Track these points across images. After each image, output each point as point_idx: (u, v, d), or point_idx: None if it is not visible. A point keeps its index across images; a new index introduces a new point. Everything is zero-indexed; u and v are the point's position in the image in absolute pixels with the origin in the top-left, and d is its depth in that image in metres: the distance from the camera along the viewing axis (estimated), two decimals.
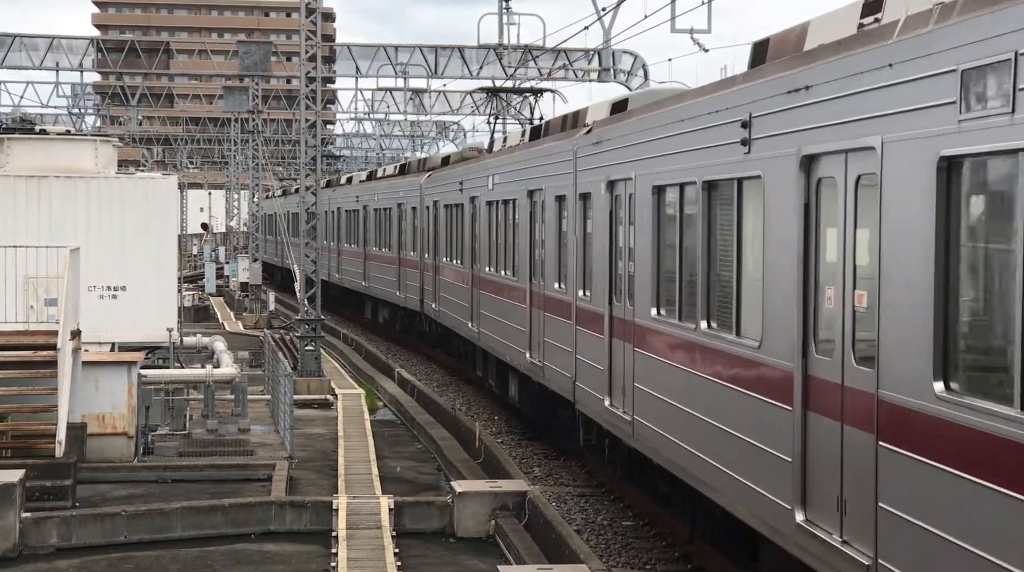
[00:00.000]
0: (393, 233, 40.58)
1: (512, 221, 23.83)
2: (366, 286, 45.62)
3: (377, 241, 43.53)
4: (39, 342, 18.88)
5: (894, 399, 8.92)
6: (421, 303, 35.69)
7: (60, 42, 47.92)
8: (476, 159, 29.44)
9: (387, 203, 41.66)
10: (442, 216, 32.48)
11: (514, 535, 15.82)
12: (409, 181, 38.81)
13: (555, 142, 20.68)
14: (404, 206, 38.66)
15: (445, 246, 32.09)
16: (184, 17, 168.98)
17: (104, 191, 25.56)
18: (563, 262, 19.96)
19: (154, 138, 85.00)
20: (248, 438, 22.54)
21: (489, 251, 26.16)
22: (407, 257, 38.01)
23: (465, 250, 28.94)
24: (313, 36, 31.37)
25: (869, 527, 9.22)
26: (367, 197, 45.82)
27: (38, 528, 15.75)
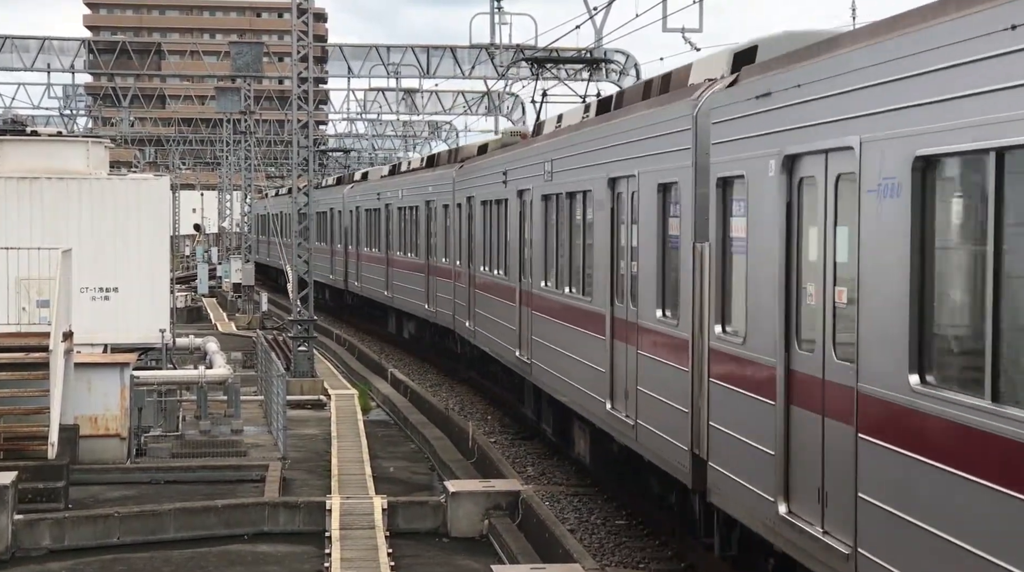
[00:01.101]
0: (420, 235, 35.19)
1: (582, 221, 18.33)
2: (389, 297, 39.98)
3: (401, 245, 38.19)
4: (31, 344, 18.84)
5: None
6: (454, 319, 30.63)
7: (51, 43, 47.93)
8: (522, 144, 23.94)
9: (413, 201, 36.30)
10: (479, 215, 27.25)
11: (507, 535, 15.82)
12: (439, 174, 33.26)
13: (654, 109, 14.85)
14: (433, 204, 33.19)
15: (484, 252, 26.88)
16: (176, 18, 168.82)
17: (96, 192, 25.53)
18: (667, 277, 14.39)
19: (146, 139, 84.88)
20: (241, 439, 22.51)
21: (546, 262, 20.82)
22: (437, 264, 32.67)
23: (511, 258, 23.63)
24: (305, 36, 31.35)
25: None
26: (390, 194, 40.22)
27: (31, 530, 15.73)
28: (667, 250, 14.43)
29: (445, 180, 31.88)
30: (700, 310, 13.02)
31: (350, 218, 47.68)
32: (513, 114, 59.55)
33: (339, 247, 49.88)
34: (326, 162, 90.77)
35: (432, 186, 33.45)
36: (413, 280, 35.90)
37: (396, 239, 38.76)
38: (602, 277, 17.07)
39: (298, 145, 32.89)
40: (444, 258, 31.67)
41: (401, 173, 41.09)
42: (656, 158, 14.58)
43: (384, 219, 40.75)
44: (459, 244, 29.74)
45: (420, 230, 34.96)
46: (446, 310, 31.09)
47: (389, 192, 40.19)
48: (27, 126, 33.21)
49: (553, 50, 39.39)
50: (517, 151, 23.57)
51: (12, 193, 25.02)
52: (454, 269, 30.36)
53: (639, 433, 15.39)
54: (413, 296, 35.83)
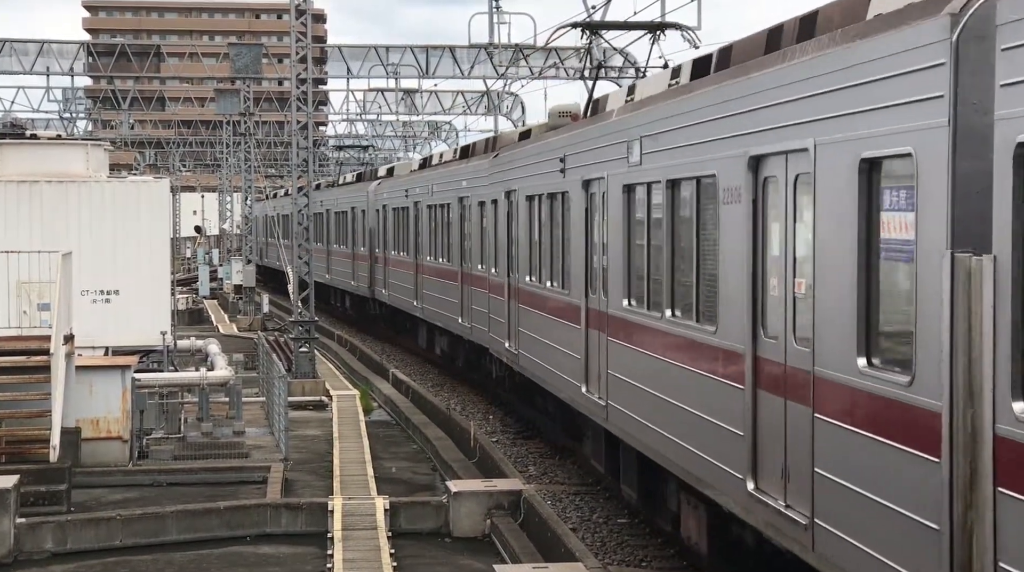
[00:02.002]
0: (453, 238, 30.57)
1: (693, 218, 13.34)
2: (418, 307, 35.04)
3: (432, 248, 33.37)
4: (32, 347, 18.86)
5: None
6: (489, 338, 26.23)
7: (50, 46, 47.95)
8: (581, 125, 18.98)
9: (444, 197, 31.70)
10: (523, 213, 22.48)
11: (510, 534, 15.83)
12: (473, 167, 28.70)
13: (856, 44, 9.70)
14: (467, 201, 28.77)
15: (530, 259, 22.07)
16: (175, 20, 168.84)
17: (96, 195, 25.54)
18: (871, 307, 9.58)
19: (146, 142, 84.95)
20: (243, 441, 22.52)
21: (628, 274, 15.93)
22: (473, 272, 28.11)
23: (572, 268, 18.80)
24: (304, 37, 31.36)
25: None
26: (419, 190, 35.33)
27: (33, 533, 15.74)
28: (876, 263, 9.47)
29: (479, 174, 27.40)
30: (969, 369, 8.01)
31: (376, 218, 42.76)
32: (513, 113, 59.59)
33: (363, 251, 44.92)
34: (327, 162, 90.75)
35: (466, 180, 28.91)
36: (445, 289, 31.32)
37: (426, 242, 34.09)
38: (736, 298, 11.95)
39: (298, 146, 32.90)
40: (480, 264, 27.17)
41: (432, 166, 35.88)
42: (852, 120, 9.62)
43: (413, 219, 35.98)
44: (496, 248, 25.31)
45: (453, 231, 30.51)
46: (482, 326, 26.81)
47: (418, 188, 35.38)
48: (27, 129, 33.27)
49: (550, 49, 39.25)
50: (580, 131, 18.40)
51: (12, 197, 25.03)
52: (489, 278, 25.97)
53: (816, 536, 10.30)
54: (445, 308, 31.25)
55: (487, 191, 26.17)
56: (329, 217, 52.48)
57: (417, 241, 35.23)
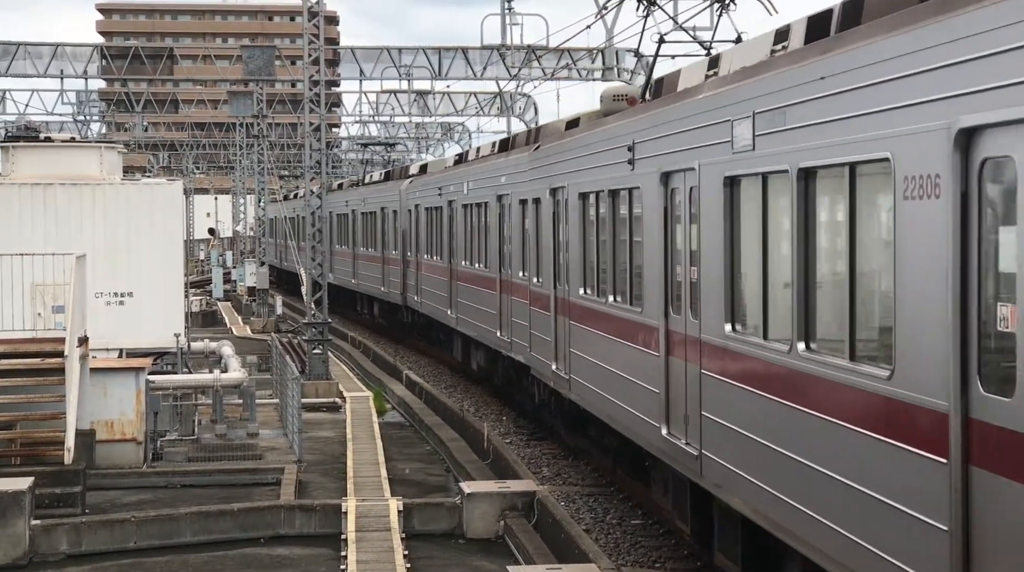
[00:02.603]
0: (490, 241, 27.17)
1: (847, 218, 9.94)
2: (453, 317, 31.64)
3: (468, 252, 29.98)
4: (47, 349, 18.92)
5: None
6: (530, 356, 23.10)
7: (64, 49, 48.08)
8: (651, 107, 15.58)
9: (481, 196, 28.28)
10: (574, 213, 19.22)
11: (523, 535, 15.83)
12: (513, 161, 25.05)
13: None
14: (506, 199, 25.38)
15: (583, 267, 18.92)
16: (188, 23, 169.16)
17: (109, 198, 25.59)
18: None
19: (159, 144, 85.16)
20: (257, 442, 22.56)
21: (731, 292, 12.52)
22: (513, 280, 24.79)
23: (647, 281, 15.35)
24: (316, 39, 31.41)
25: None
26: (453, 188, 31.80)
27: (48, 535, 15.78)
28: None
29: (520, 167, 24.05)
30: None
31: (408, 219, 39.20)
32: (525, 114, 59.60)
33: (394, 254, 41.32)
34: (340, 163, 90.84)
35: (505, 176, 25.53)
36: (482, 298, 28.11)
37: (461, 245, 30.62)
38: (923, 329, 8.52)
39: (311, 148, 32.95)
40: (521, 272, 23.95)
41: (468, 162, 32.16)
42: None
43: (447, 220, 32.62)
44: (540, 254, 22.08)
45: (490, 234, 27.13)
46: (523, 341, 23.72)
47: (452, 186, 31.98)
48: (41, 132, 33.34)
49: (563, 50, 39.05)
50: (657, 113, 14.88)
51: (26, 199, 25.10)
52: (531, 288, 22.75)
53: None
54: (482, 319, 27.92)
55: (528, 188, 23.07)
56: (355, 218, 49.48)
57: (452, 244, 31.91)
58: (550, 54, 43.53)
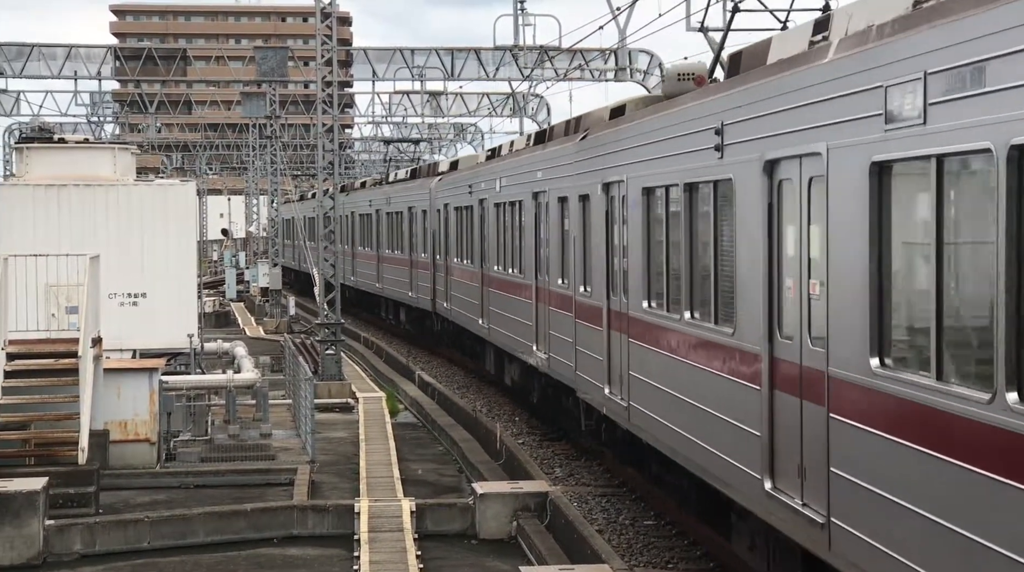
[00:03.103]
0: (525, 244, 24.44)
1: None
2: (485, 327, 28.89)
3: (500, 257, 27.36)
4: (60, 350, 18.98)
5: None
6: (576, 377, 20.14)
7: (78, 51, 48.19)
8: (743, 80, 12.68)
9: (514, 194, 25.55)
10: (634, 212, 16.35)
11: (536, 536, 15.84)
12: (551, 154, 22.11)
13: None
14: (544, 197, 22.62)
15: (647, 277, 16.04)
16: (201, 24, 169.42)
17: (123, 199, 25.65)
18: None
19: (173, 145, 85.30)
20: (270, 443, 22.60)
21: (878, 313, 9.65)
22: (552, 288, 21.89)
23: (742, 296, 12.56)
24: (329, 40, 31.46)
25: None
26: (484, 186, 29.21)
27: (62, 535, 15.83)
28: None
29: (561, 160, 21.29)
30: None
31: (438, 220, 36.13)
32: (538, 115, 59.59)
33: (423, 257, 38.20)
34: (353, 164, 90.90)
35: (542, 171, 22.88)
36: (516, 308, 25.28)
37: (493, 248, 28.08)
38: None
39: (323, 149, 32.99)
40: (561, 279, 21.16)
41: (501, 157, 29.01)
42: None
43: (478, 220, 29.93)
44: (588, 259, 19.36)
45: (525, 236, 24.40)
46: (564, 359, 20.87)
47: (484, 183, 29.35)
48: (54, 133, 33.41)
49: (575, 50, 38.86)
50: (753, 87, 12.10)
51: (40, 200, 25.17)
52: (577, 298, 19.95)
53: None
54: (516, 330, 25.14)
55: (572, 184, 20.24)
56: (379, 219, 46.73)
57: (483, 247, 29.26)
58: (563, 55, 43.51)
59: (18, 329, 19.50)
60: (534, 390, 25.07)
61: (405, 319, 43.72)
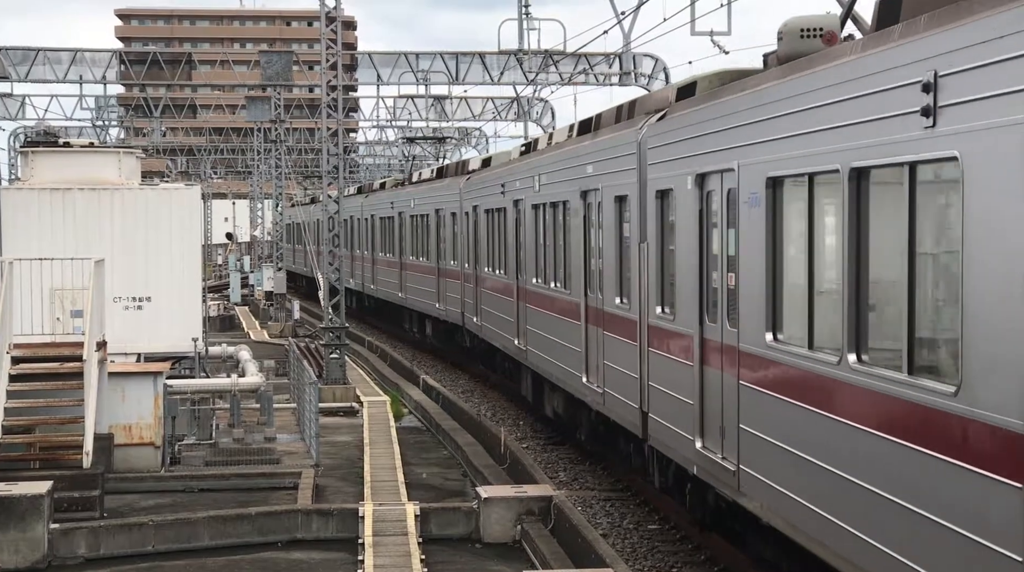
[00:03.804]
0: (570, 253, 20.67)
1: None
2: (521, 348, 25.04)
3: (538, 268, 23.44)
4: (65, 354, 18.99)
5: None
6: (644, 420, 16.45)
7: (83, 55, 48.24)
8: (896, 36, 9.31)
9: (555, 193, 21.76)
10: (752, 215, 12.50)
11: (540, 540, 15.84)
12: (606, 143, 18.28)
13: None
14: (595, 196, 18.93)
15: (771, 301, 12.12)
16: (206, 28, 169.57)
17: (128, 202, 25.69)
18: None
19: (178, 149, 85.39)
20: (274, 447, 22.61)
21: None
22: (607, 308, 18.32)
23: (982, 327, 8.03)
24: (334, 45, 31.48)
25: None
26: (519, 185, 25.12)
27: (67, 539, 15.84)
28: None
29: (622, 149, 17.14)
30: None
31: (466, 224, 32.43)
32: (543, 119, 59.61)
33: (452, 266, 34.48)
34: (357, 168, 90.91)
35: (592, 165, 18.88)
36: (560, 329, 21.49)
37: (531, 257, 24.17)
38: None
39: (328, 153, 33.01)
40: (619, 298, 17.50)
41: (539, 151, 24.62)
42: None
43: (512, 224, 25.91)
44: (663, 274, 15.64)
45: (570, 244, 20.58)
46: (626, 397, 17.07)
47: (519, 181, 25.19)
48: (60, 137, 33.47)
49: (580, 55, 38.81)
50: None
51: (45, 204, 25.21)
52: (649, 322, 16.02)
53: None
54: (561, 356, 21.41)
55: (633, 178, 16.34)
56: (403, 222, 42.68)
57: (518, 256, 25.44)
58: (567, 59, 43.52)
59: (23, 333, 19.53)
60: (581, 426, 21.51)
61: (431, 333, 39.64)
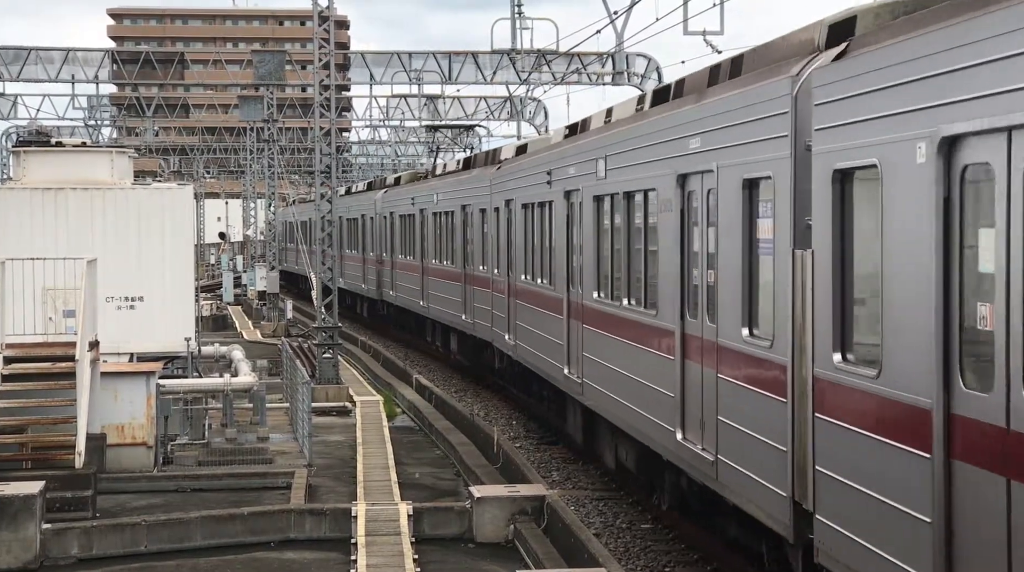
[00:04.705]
0: (662, 261, 15.20)
1: None
2: (575, 380, 20.08)
3: (602, 279, 18.50)
4: (58, 353, 18.97)
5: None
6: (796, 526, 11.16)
7: (76, 54, 48.14)
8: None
9: (639, 180, 16.16)
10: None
11: (533, 539, 15.84)
12: (670, 122, 14.76)
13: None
14: (703, 183, 13.71)
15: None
16: (199, 27, 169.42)
17: (120, 202, 25.67)
18: None
19: (170, 148, 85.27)
20: (267, 446, 22.59)
21: None
22: (725, 342, 12.96)
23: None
24: (327, 44, 31.46)
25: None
26: (575, 171, 19.82)
27: (59, 539, 15.82)
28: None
29: (756, 112, 11.92)
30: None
31: (497, 222, 27.08)
32: (536, 119, 59.60)
33: (481, 272, 28.95)
34: (350, 168, 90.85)
35: (699, 137, 13.66)
36: (634, 362, 16.45)
37: (588, 267, 19.02)
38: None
39: (320, 152, 32.98)
40: (749, 330, 12.35)
41: (596, 131, 19.17)
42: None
43: (562, 222, 20.66)
44: (843, 299, 10.15)
45: (657, 248, 15.34)
46: (759, 476, 11.96)
47: (573, 167, 19.81)
48: (52, 137, 33.38)
49: (573, 54, 38.77)
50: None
51: (37, 203, 25.18)
52: (804, 370, 10.84)
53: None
54: (637, 397, 16.29)
55: (779, 153, 11.37)
56: (424, 220, 36.91)
57: (571, 263, 20.20)
58: (560, 59, 43.52)
59: (15, 333, 19.50)
60: (663, 490, 16.55)
61: (456, 348, 33.77)
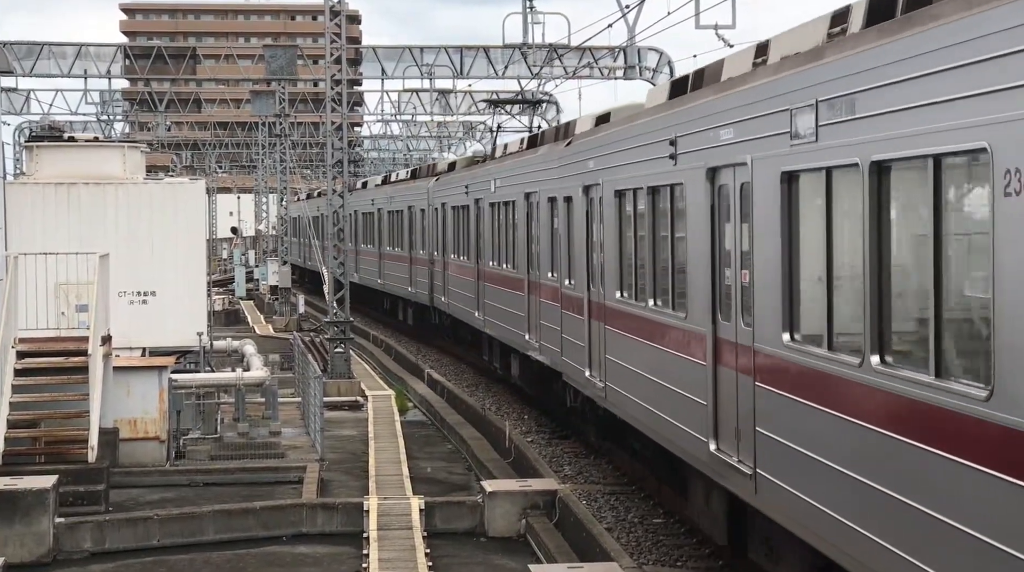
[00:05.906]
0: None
1: None
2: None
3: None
4: (70, 348, 19.01)
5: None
6: None
7: (88, 49, 48.18)
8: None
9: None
10: None
11: (545, 534, 15.85)
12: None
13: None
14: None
15: None
16: (211, 22, 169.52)
17: (133, 197, 25.70)
18: None
19: (182, 143, 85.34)
20: (279, 441, 22.62)
21: None
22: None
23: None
24: (338, 39, 31.46)
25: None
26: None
27: (72, 533, 15.86)
28: None
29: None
30: None
31: (567, 216, 21.05)
32: (547, 113, 59.55)
33: (550, 280, 22.55)
34: (363, 162, 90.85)
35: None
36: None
37: (766, 287, 11.87)
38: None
39: (332, 147, 33.00)
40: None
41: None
42: None
43: (704, 219, 13.60)
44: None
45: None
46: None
47: (734, 128, 12.49)
48: (64, 132, 33.46)
49: (584, 48, 38.66)
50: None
51: (50, 198, 25.22)
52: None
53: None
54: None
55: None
56: (480, 213, 30.45)
57: (720, 279, 13.56)
58: (572, 53, 43.44)
59: (28, 327, 19.54)
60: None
61: (518, 374, 27.55)
